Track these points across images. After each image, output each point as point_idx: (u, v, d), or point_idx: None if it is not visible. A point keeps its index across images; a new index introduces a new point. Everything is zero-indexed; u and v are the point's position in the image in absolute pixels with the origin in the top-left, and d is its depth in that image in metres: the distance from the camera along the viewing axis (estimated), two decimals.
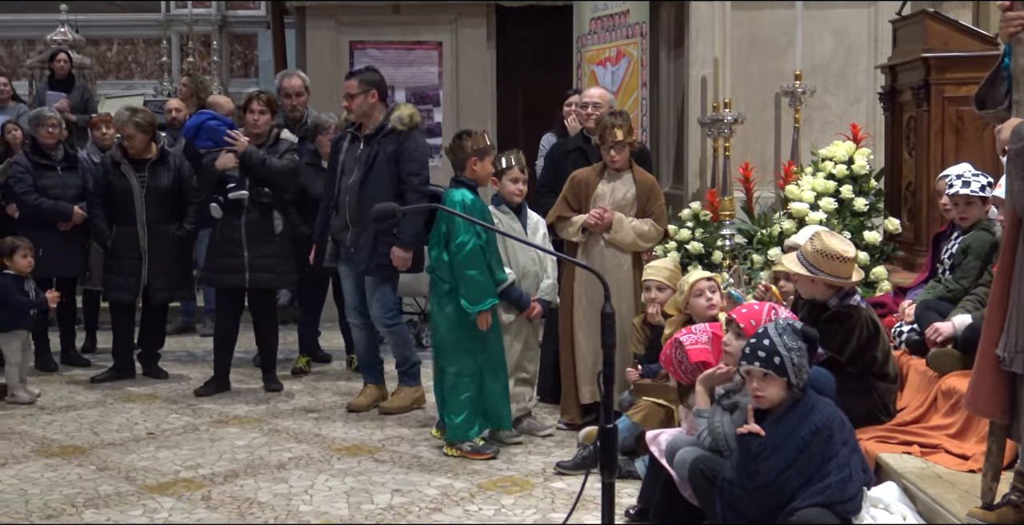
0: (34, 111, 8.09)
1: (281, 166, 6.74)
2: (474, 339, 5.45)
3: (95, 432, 5.97)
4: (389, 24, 9.88)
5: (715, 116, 7.84)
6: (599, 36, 8.93)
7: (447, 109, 9.89)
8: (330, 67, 9.76)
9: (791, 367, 3.74)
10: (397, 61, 9.87)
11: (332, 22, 9.92)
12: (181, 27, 13.09)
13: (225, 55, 13.27)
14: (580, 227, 5.76)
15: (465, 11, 9.83)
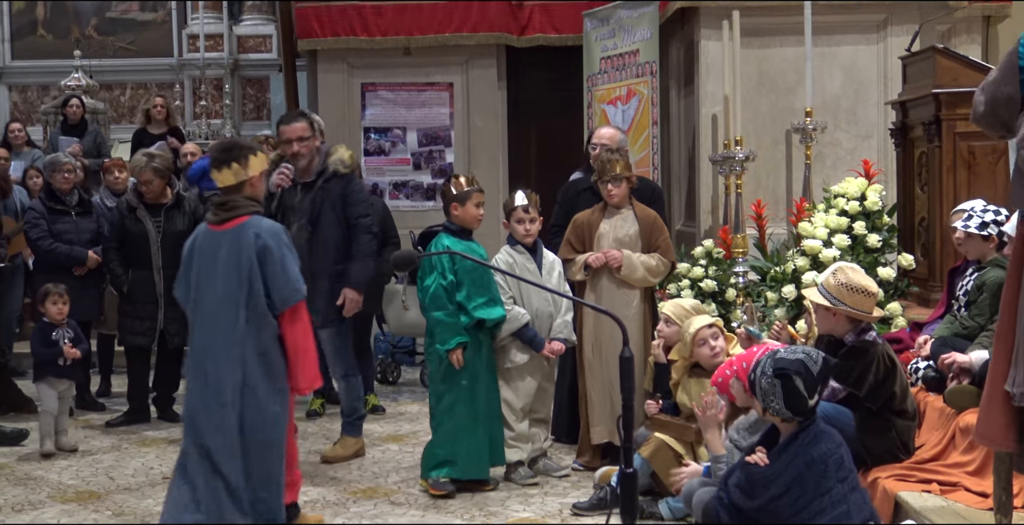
0: (49, 157, 8.17)
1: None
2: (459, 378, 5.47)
3: (111, 477, 5.98)
4: (400, 66, 9.98)
5: (726, 153, 7.88)
6: (609, 75, 9.00)
7: (459, 149, 9.96)
8: (342, 109, 9.86)
9: (758, 389, 3.92)
10: (408, 102, 9.96)
11: (344, 65, 10.02)
12: (194, 71, 13.22)
13: (237, 98, 13.39)
14: (582, 266, 5.80)
15: (475, 52, 9.92)
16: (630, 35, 8.77)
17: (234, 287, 4.40)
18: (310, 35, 9.99)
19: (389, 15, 9.87)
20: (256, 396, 4.39)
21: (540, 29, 9.98)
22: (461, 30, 9.80)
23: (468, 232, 5.64)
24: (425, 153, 9.97)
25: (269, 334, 4.43)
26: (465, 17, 9.79)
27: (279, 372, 4.45)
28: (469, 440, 5.48)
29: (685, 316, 5.39)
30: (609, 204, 5.86)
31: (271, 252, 4.40)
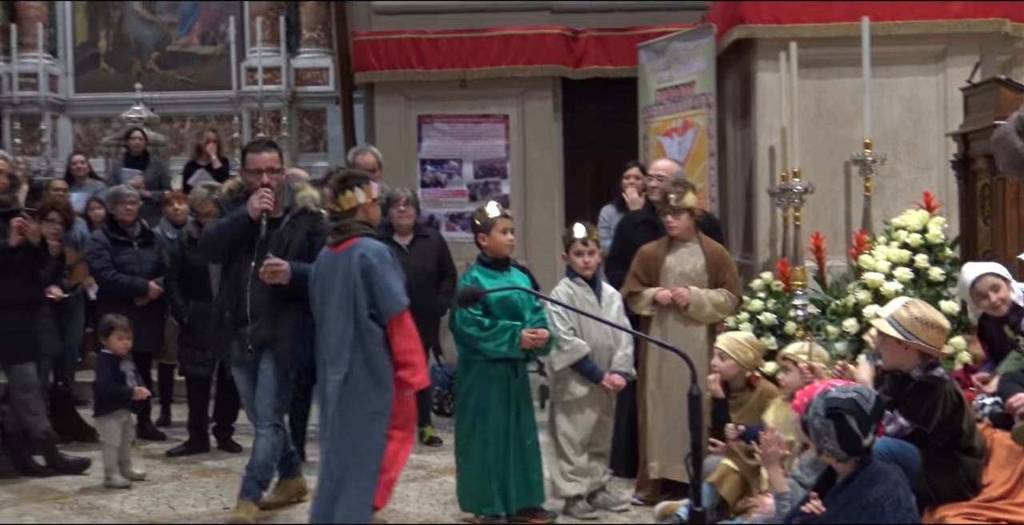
0: (112, 189, 8.30)
1: None
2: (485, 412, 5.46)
3: (171, 506, 6.03)
4: (456, 98, 10.06)
5: (784, 185, 7.84)
6: (665, 107, 9.00)
7: (515, 181, 10.00)
8: (399, 141, 9.94)
9: (811, 429, 3.90)
10: (464, 134, 10.03)
11: (400, 97, 10.12)
12: (252, 104, 13.38)
13: (295, 130, 13.53)
14: (650, 301, 5.78)
15: (531, 84, 9.98)
16: (686, 67, 8.78)
17: (344, 301, 4.90)
18: (367, 68, 10.11)
19: (445, 48, 9.97)
20: (359, 397, 4.86)
21: (595, 61, 10.03)
22: (517, 62, 9.87)
23: (502, 262, 5.60)
24: (481, 185, 10.03)
25: (373, 341, 4.87)
26: (521, 49, 9.86)
27: (384, 375, 4.88)
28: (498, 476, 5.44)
29: (740, 350, 5.37)
30: (676, 237, 5.84)
31: (375, 270, 4.87)
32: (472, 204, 9.99)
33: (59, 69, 13.97)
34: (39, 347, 6.87)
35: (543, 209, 10.04)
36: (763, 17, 8.26)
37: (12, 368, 6.79)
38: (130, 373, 6.75)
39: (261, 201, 5.53)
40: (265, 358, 5.60)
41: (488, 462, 5.42)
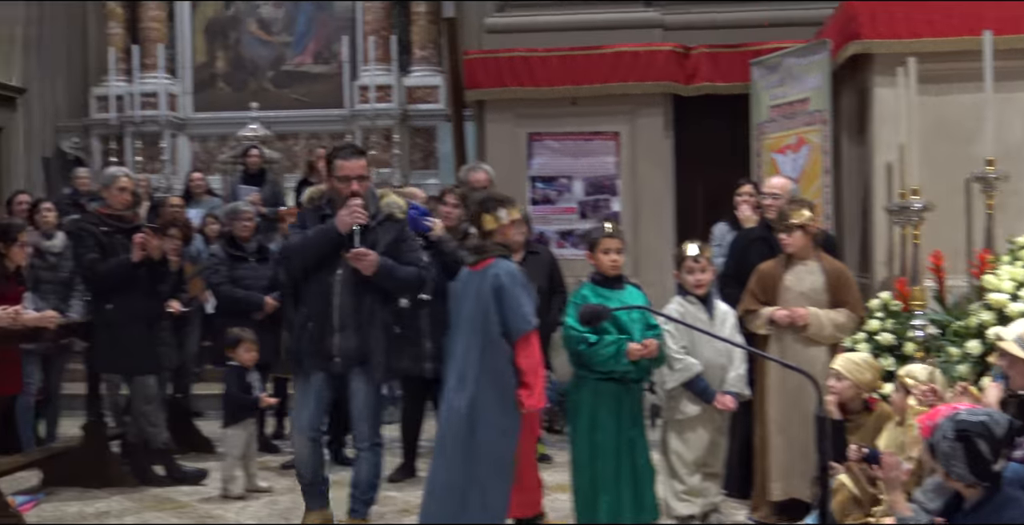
0: (230, 205, 8.49)
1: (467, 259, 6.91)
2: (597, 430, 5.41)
3: (287, 518, 6.12)
4: (566, 115, 10.09)
5: (902, 203, 7.67)
6: (779, 123, 8.90)
7: (625, 198, 9.98)
8: (509, 159, 9.99)
9: (939, 452, 3.79)
10: (575, 152, 10.05)
11: (510, 114, 10.18)
12: (364, 121, 13.59)
13: (406, 147, 13.69)
14: (767, 320, 5.71)
15: (642, 101, 9.96)
16: (800, 83, 8.68)
17: (475, 319, 5.11)
18: (478, 85, 10.20)
19: (556, 65, 10.01)
20: (488, 410, 5.04)
21: (707, 78, 9.98)
22: (628, 79, 9.86)
23: (615, 280, 5.54)
24: (591, 202, 10.03)
25: (502, 359, 5.05)
26: (632, 67, 9.85)
27: (510, 391, 5.05)
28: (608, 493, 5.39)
29: (857, 371, 5.27)
30: (793, 256, 5.76)
31: (506, 290, 5.07)
32: (582, 222, 10.02)
33: (178, 89, 14.37)
34: (159, 360, 7.05)
35: (654, 226, 10.01)
36: (880, 32, 8.12)
37: (134, 380, 6.99)
38: (256, 384, 6.92)
39: (353, 216, 5.33)
40: (355, 374, 5.49)
41: (599, 479, 5.39)
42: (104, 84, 14.04)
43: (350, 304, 5.41)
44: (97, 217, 6.99)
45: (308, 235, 5.46)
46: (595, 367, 5.37)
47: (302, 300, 5.54)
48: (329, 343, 5.42)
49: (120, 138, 13.95)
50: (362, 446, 5.62)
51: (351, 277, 5.39)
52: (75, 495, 6.78)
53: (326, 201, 5.56)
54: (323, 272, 5.43)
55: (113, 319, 6.85)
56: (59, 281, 7.73)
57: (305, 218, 5.61)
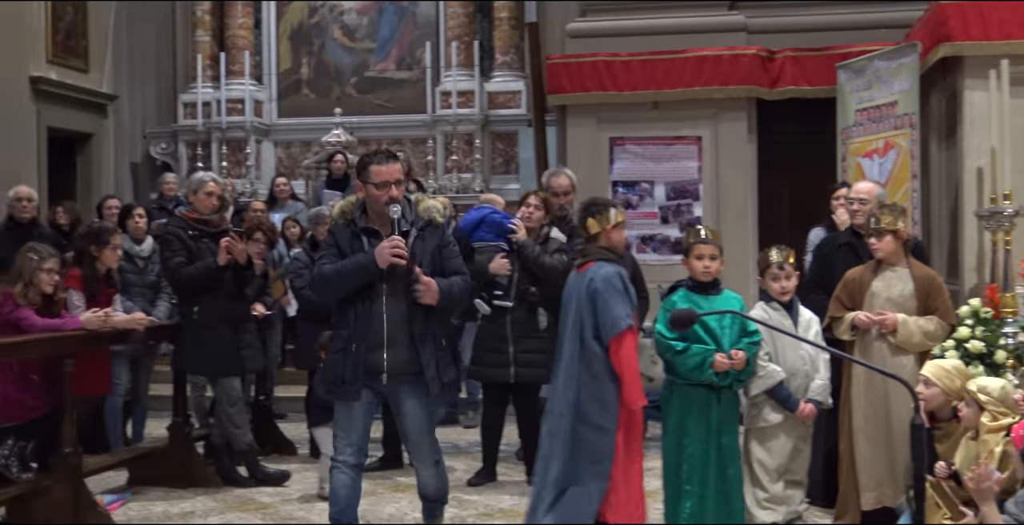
0: (314, 210, 8.56)
1: (552, 263, 6.91)
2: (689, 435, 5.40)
3: (366, 520, 6.16)
4: (648, 120, 10.04)
5: (993, 208, 7.51)
6: (865, 127, 8.77)
7: (707, 203, 9.90)
8: (590, 163, 9.97)
9: None
10: (656, 156, 10.00)
11: (592, 119, 10.16)
12: (446, 127, 13.65)
13: (487, 153, 13.74)
14: (850, 325, 5.62)
15: (725, 105, 9.88)
16: (888, 86, 8.54)
17: (575, 322, 5.21)
18: (560, 90, 10.19)
19: (638, 70, 9.97)
20: (586, 408, 5.12)
21: (792, 81, 9.87)
22: (711, 84, 9.79)
23: (709, 286, 5.52)
24: (673, 207, 9.97)
25: (598, 362, 5.11)
26: (715, 71, 9.77)
27: (607, 394, 5.11)
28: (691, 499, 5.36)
29: (947, 378, 5.15)
30: (883, 261, 5.66)
31: (600, 293, 5.13)
32: (663, 227, 9.97)
33: (264, 95, 14.57)
34: (244, 362, 7.14)
35: (736, 232, 9.90)
36: (971, 34, 7.97)
37: (219, 382, 7.08)
38: None
39: (394, 252, 4.93)
40: (405, 390, 5.13)
41: (683, 485, 5.36)
42: (192, 91, 14.29)
43: (399, 318, 5.04)
44: (184, 221, 7.11)
45: (343, 268, 5.05)
46: (681, 375, 5.36)
47: (341, 322, 5.15)
48: (378, 359, 5.04)
49: (207, 144, 14.19)
50: (424, 465, 5.30)
51: (398, 289, 5.04)
52: (160, 495, 6.90)
53: (359, 212, 5.16)
54: (364, 290, 5.06)
55: (199, 322, 6.97)
56: (147, 284, 7.87)
57: (336, 234, 5.18)
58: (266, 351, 8.23)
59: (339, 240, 5.15)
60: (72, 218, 9.95)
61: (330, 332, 6.89)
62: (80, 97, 13.48)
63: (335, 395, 5.17)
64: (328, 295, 5.20)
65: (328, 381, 5.17)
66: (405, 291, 5.05)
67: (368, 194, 5.13)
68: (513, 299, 7.01)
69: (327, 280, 5.10)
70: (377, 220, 5.15)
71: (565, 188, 7.70)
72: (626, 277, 5.27)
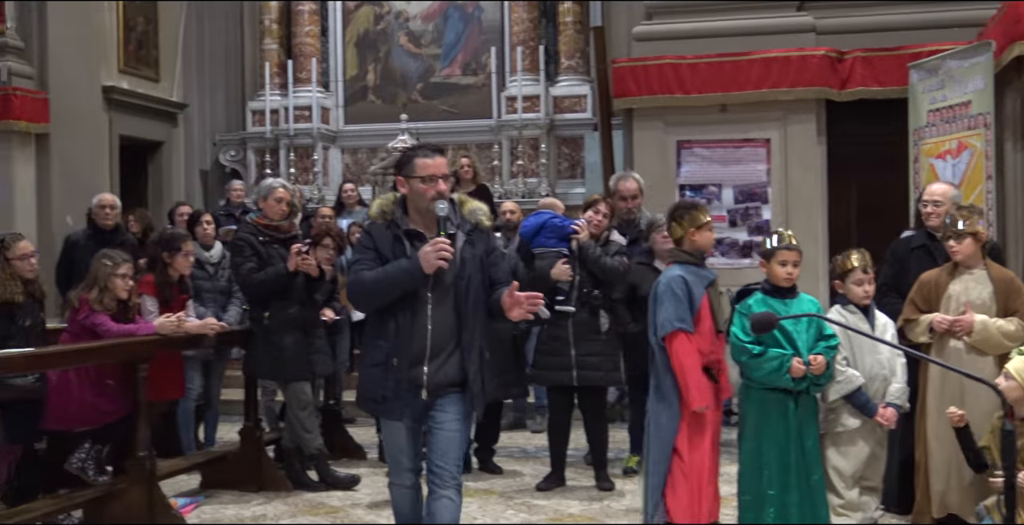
0: None
1: (612, 265, 6.95)
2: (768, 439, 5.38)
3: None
4: (716, 123, 9.96)
5: None
6: (938, 128, 8.64)
7: (776, 206, 9.81)
8: (658, 167, 9.92)
9: None
10: (724, 159, 9.93)
11: (659, 123, 10.10)
12: (511, 131, 13.68)
13: (553, 157, 13.74)
14: (927, 328, 5.55)
15: (793, 107, 9.78)
16: (961, 86, 8.41)
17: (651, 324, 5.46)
18: (626, 94, 10.16)
19: (705, 72, 9.90)
20: (653, 412, 5.39)
21: (862, 82, 9.74)
22: (779, 86, 9.70)
23: (787, 290, 5.50)
24: (741, 210, 9.90)
25: (663, 362, 5.34)
26: (783, 72, 9.68)
27: (667, 393, 5.34)
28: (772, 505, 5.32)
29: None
30: (960, 263, 5.58)
31: (658, 295, 5.39)
32: (731, 230, 9.89)
33: (330, 102, 14.70)
34: (314, 367, 7.20)
35: (806, 235, 9.76)
36: None
37: (289, 387, 7.14)
38: None
39: (440, 255, 4.44)
40: (446, 404, 4.64)
41: (764, 493, 5.32)
42: (260, 99, 14.46)
43: (445, 328, 4.58)
44: (255, 227, 7.18)
45: (385, 275, 4.51)
46: (757, 380, 5.33)
47: (379, 333, 4.63)
48: (418, 373, 4.55)
49: (275, 150, 14.35)
50: (446, 486, 4.66)
51: (444, 297, 4.58)
52: (232, 498, 6.98)
53: (401, 212, 4.66)
54: (406, 297, 4.56)
55: (269, 327, 7.04)
56: (218, 290, 7.97)
57: (374, 236, 4.65)
58: (335, 356, 8.30)
59: (378, 243, 4.60)
60: (144, 226, 10.14)
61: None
62: (151, 106, 13.72)
63: (377, 412, 4.81)
64: (367, 305, 4.71)
65: (367, 397, 4.70)
66: (452, 299, 4.58)
67: (412, 190, 4.61)
68: (575, 303, 7.02)
69: (367, 288, 4.56)
70: (420, 221, 4.63)
71: (633, 192, 7.71)
72: (692, 282, 5.33)
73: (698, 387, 5.24)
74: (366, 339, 4.83)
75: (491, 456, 7.60)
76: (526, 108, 13.60)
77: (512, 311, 4.53)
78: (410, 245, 4.59)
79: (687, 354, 5.26)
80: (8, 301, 6.30)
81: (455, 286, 4.59)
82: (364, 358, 4.75)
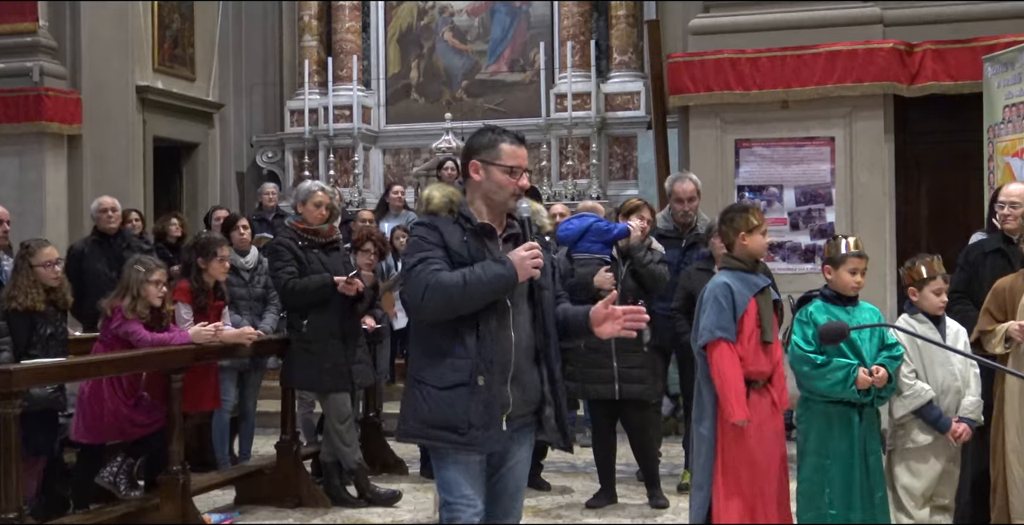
0: None
1: (662, 272, 6.93)
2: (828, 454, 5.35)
3: None
4: (777, 120, 9.88)
5: None
6: (1015, 124, 8.52)
7: (840, 208, 9.71)
8: (715, 167, 9.86)
9: None
10: (786, 159, 9.84)
11: (717, 120, 10.04)
12: (561, 130, 13.66)
13: (604, 157, 13.70)
14: (1003, 337, 5.44)
15: (860, 104, 9.67)
16: None
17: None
18: (682, 90, 10.10)
19: (766, 67, 9.82)
20: (696, 422, 5.50)
21: (932, 77, 9.61)
22: (844, 81, 9.60)
23: (848, 299, 5.46)
24: (804, 212, 9.81)
25: (703, 369, 5.40)
26: (849, 66, 9.58)
27: (705, 399, 5.40)
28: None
29: None
30: None
31: (704, 300, 5.40)
32: (793, 233, 9.80)
33: (371, 101, 14.76)
34: (354, 378, 7.21)
35: (873, 238, 9.68)
36: None
37: (328, 398, 7.17)
38: None
39: (535, 260, 3.97)
40: (521, 437, 4.14)
41: (827, 513, 5.27)
42: (299, 98, 14.54)
43: (528, 343, 4.08)
44: (294, 231, 7.21)
45: (475, 278, 3.93)
46: (819, 391, 5.28)
47: (453, 345, 4.00)
48: (506, 397, 3.99)
49: (314, 152, 14.43)
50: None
51: (524, 307, 4.10)
52: (268, 514, 7.00)
53: (464, 211, 4.11)
54: (493, 308, 4.00)
55: (308, 336, 7.06)
56: (254, 297, 8.01)
57: (443, 231, 4.08)
58: (376, 366, 8.32)
59: (448, 239, 4.06)
60: (185, 230, 10.22)
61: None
62: (186, 106, 13.85)
63: (456, 445, 3.98)
64: (449, 311, 3.97)
65: (439, 426, 3.99)
66: (530, 309, 4.10)
67: (489, 179, 4.08)
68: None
69: (451, 293, 3.93)
70: (487, 215, 4.13)
71: (690, 193, 7.65)
72: (739, 289, 5.32)
73: (738, 399, 5.21)
74: (423, 354, 4.09)
75: (539, 471, 7.57)
76: (576, 106, 13.57)
77: (603, 326, 4.07)
78: (490, 245, 4.07)
79: (728, 364, 5.23)
80: (30, 309, 6.34)
81: (533, 295, 4.10)
82: (427, 378, 4.03)
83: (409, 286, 4.06)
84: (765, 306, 5.40)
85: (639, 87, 13.67)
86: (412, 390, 4.09)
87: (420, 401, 4.03)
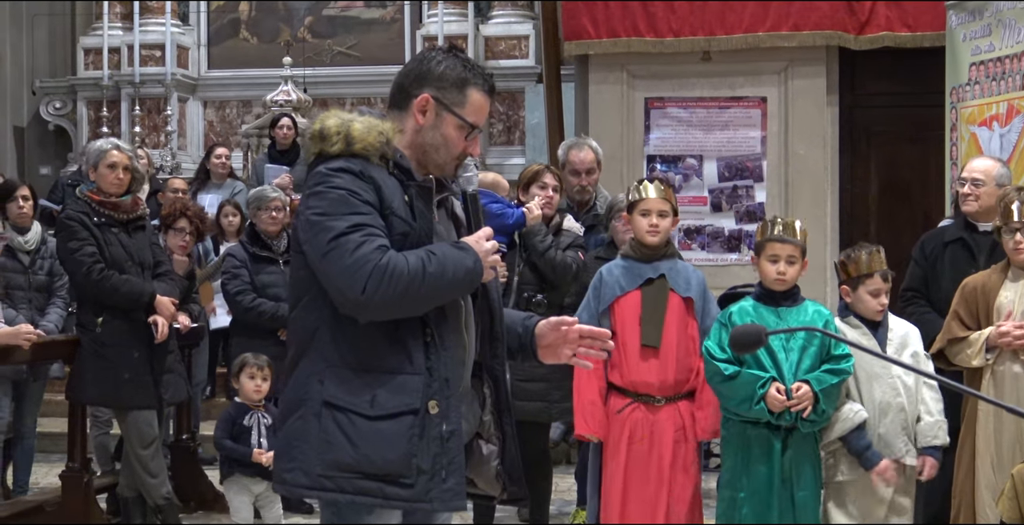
0: (254, 191, 8.53)
1: (564, 261, 6.83)
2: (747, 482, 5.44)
3: None
4: (696, 75, 10.02)
5: None
6: (983, 87, 8.75)
7: (772, 185, 9.89)
8: (619, 132, 9.96)
9: None
10: (707, 123, 9.98)
11: (622, 74, 10.13)
12: None
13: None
14: (982, 347, 5.50)
15: (798, 57, 9.85)
16: (1013, 33, 8.51)
17: None
18: (580, 36, 10.16)
19: (684, 10, 9.93)
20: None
21: (886, 26, 9.81)
22: (779, 28, 9.76)
23: (785, 295, 5.49)
24: (728, 189, 9.96)
25: None
26: (785, 11, 9.74)
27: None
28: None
29: None
30: (1013, 263, 5.57)
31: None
32: (715, 216, 9.94)
33: (189, 40, 14.59)
34: (161, 391, 7.09)
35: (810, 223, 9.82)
36: None
37: (128, 417, 7.04)
38: (260, 429, 6.85)
39: (495, 257, 3.82)
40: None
41: None
42: (96, 33, 14.30)
43: (471, 358, 3.82)
44: (87, 204, 6.98)
45: (441, 268, 3.56)
46: (731, 409, 5.36)
47: (389, 357, 3.58)
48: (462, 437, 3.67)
49: (114, 102, 14.20)
50: None
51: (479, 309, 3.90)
52: None
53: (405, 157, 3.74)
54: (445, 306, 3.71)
55: (103, 338, 6.93)
56: (34, 287, 7.83)
57: (378, 183, 3.63)
58: (191, 377, 8.24)
59: (389, 197, 3.62)
60: None
61: (247, 355, 6.93)
62: None
63: (397, 503, 3.53)
64: (398, 311, 3.56)
65: (375, 474, 3.50)
66: (477, 306, 3.86)
67: (437, 130, 3.78)
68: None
69: (411, 287, 3.51)
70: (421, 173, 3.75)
71: (588, 164, 7.65)
72: (614, 279, 5.60)
73: (582, 410, 5.33)
74: (341, 366, 3.59)
75: None
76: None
77: (559, 350, 3.85)
78: (430, 211, 3.71)
79: (577, 369, 5.03)
80: None
81: (487, 296, 3.89)
82: (347, 402, 3.54)
83: (335, 265, 3.49)
84: (653, 302, 5.44)
85: (527, 30, 13.73)
86: (316, 420, 3.52)
87: (334, 436, 3.51)
